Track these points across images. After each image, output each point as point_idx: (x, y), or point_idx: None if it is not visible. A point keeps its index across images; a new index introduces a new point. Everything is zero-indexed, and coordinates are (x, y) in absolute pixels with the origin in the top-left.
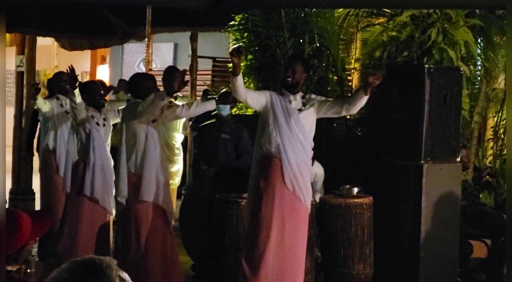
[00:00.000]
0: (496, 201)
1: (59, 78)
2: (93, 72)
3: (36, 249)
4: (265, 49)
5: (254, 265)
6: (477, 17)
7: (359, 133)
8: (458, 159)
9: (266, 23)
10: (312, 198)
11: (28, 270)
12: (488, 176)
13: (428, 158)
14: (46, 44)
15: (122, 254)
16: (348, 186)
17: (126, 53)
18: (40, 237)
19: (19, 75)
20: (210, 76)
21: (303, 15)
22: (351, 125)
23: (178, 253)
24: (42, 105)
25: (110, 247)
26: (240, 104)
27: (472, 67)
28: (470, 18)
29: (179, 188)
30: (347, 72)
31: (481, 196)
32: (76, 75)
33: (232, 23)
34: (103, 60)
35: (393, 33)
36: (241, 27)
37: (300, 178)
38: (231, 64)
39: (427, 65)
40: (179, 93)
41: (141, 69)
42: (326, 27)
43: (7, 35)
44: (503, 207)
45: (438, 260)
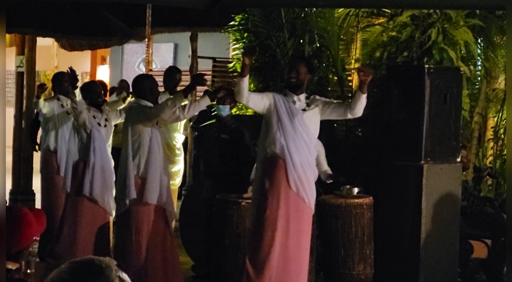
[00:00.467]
0: (497, 201)
1: (59, 79)
2: (93, 72)
3: (36, 250)
4: (265, 50)
5: (258, 266)
6: (477, 17)
7: (359, 134)
8: (458, 159)
9: (266, 23)
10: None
11: (28, 271)
12: (488, 176)
13: (428, 158)
14: (46, 44)
15: (122, 254)
16: (348, 186)
17: (126, 53)
18: (40, 238)
19: (19, 76)
20: (210, 77)
21: (303, 15)
22: (351, 125)
23: (178, 253)
24: (42, 106)
25: (110, 247)
26: (240, 104)
27: (472, 67)
28: (470, 18)
29: (179, 188)
30: (347, 73)
31: (481, 194)
32: (76, 75)
33: (232, 23)
34: (103, 60)
35: (393, 33)
36: (241, 28)
37: (305, 179)
38: (240, 65)
39: (427, 66)
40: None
41: (141, 70)
42: (326, 28)
43: (7, 36)
44: (503, 207)
45: (438, 260)
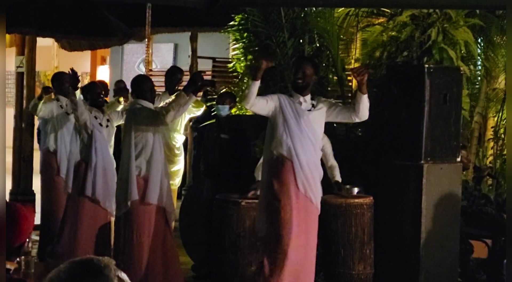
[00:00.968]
0: (497, 201)
1: (59, 79)
2: (93, 73)
3: (36, 250)
4: (265, 49)
5: (277, 267)
6: (477, 17)
7: (359, 134)
8: (458, 159)
9: (266, 23)
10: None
11: (28, 271)
12: (488, 176)
13: (428, 158)
14: (46, 45)
15: (122, 255)
16: (348, 186)
17: (126, 53)
18: (40, 238)
19: (19, 76)
20: (210, 77)
21: (302, 15)
22: (351, 125)
23: (178, 253)
24: (38, 110)
25: (110, 248)
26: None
27: (472, 67)
28: (470, 18)
29: (179, 188)
30: (347, 73)
31: (482, 194)
32: (77, 76)
33: (231, 23)
34: (103, 60)
35: (393, 33)
36: (240, 27)
37: (311, 179)
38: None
39: (427, 65)
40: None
41: (141, 70)
42: (326, 27)
43: (7, 36)
44: (503, 207)
45: (438, 260)
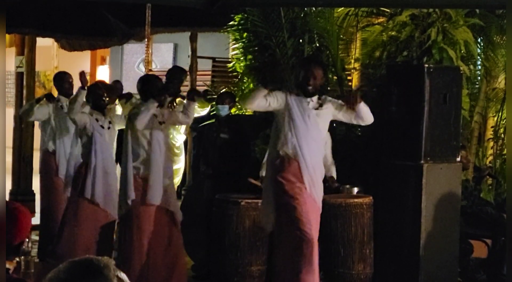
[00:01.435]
0: (496, 201)
1: (61, 79)
2: (93, 72)
3: (36, 250)
4: (264, 49)
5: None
6: (477, 16)
7: (359, 133)
8: (458, 159)
9: (266, 23)
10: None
11: (27, 271)
12: (488, 176)
13: (428, 158)
14: (46, 45)
15: (124, 254)
16: (348, 186)
17: (125, 53)
18: (39, 238)
19: (19, 76)
20: (210, 77)
21: (302, 15)
22: (350, 125)
23: (184, 257)
24: (31, 115)
25: (112, 248)
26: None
27: (472, 66)
28: (470, 18)
29: (179, 188)
30: (346, 72)
31: (481, 194)
32: (85, 77)
33: (231, 23)
34: (103, 61)
35: (392, 32)
36: (240, 27)
37: (315, 179)
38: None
39: (427, 65)
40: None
41: (141, 70)
42: (325, 27)
43: (7, 36)
44: (503, 206)
45: (438, 260)
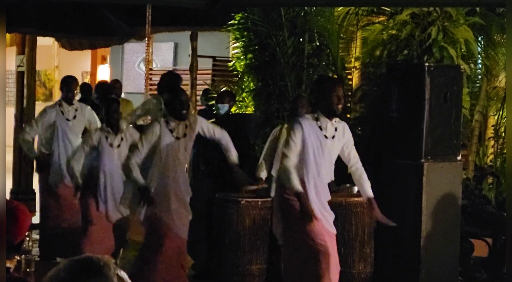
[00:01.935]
0: (497, 200)
1: (68, 84)
2: (93, 72)
3: (37, 249)
4: (264, 48)
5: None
6: (477, 15)
7: (359, 132)
8: (459, 158)
9: (266, 22)
10: None
11: (28, 269)
12: (490, 175)
13: (429, 157)
14: (46, 44)
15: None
16: (348, 185)
17: (126, 53)
18: (43, 237)
19: (20, 75)
20: (210, 76)
21: (302, 14)
22: (351, 124)
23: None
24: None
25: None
26: (240, 103)
27: (472, 65)
28: (470, 16)
29: None
30: (347, 71)
31: (482, 193)
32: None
33: (232, 22)
34: (104, 60)
35: (393, 31)
36: (240, 26)
37: (325, 206)
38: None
39: (427, 64)
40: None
41: (141, 69)
42: (326, 26)
43: (8, 35)
44: (504, 205)
45: (439, 259)
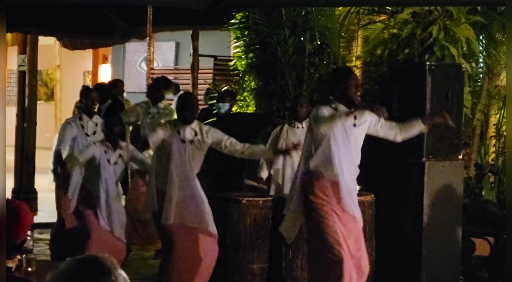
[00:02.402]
0: (499, 199)
1: (85, 96)
2: (95, 71)
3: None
4: (265, 47)
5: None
6: (478, 14)
7: None
8: (460, 156)
9: (267, 21)
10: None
11: (29, 269)
12: (490, 173)
13: (430, 156)
14: (48, 43)
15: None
16: None
17: (127, 52)
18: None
19: (21, 75)
20: (212, 75)
21: (303, 13)
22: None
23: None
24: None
25: None
26: (241, 102)
27: (473, 64)
28: (471, 15)
29: None
30: None
31: (483, 193)
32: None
33: (232, 21)
34: (105, 59)
35: (394, 30)
36: (241, 26)
37: (354, 196)
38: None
39: (428, 63)
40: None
41: (142, 68)
42: (327, 25)
43: (9, 35)
44: (505, 204)
45: (440, 258)
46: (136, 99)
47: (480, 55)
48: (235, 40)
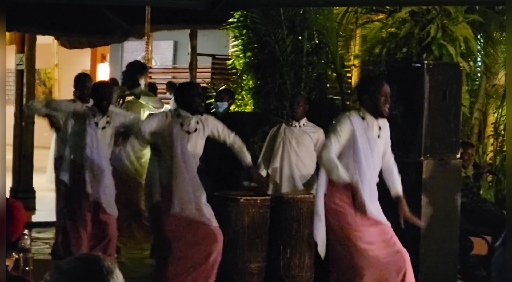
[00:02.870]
0: (497, 198)
1: (80, 82)
2: (93, 70)
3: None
4: (263, 46)
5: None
6: (476, 13)
7: None
8: (458, 155)
9: (265, 20)
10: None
11: (26, 268)
12: (488, 173)
13: (428, 154)
14: (46, 42)
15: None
16: None
17: (126, 51)
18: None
19: (19, 74)
20: (210, 74)
21: (301, 12)
22: None
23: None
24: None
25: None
26: (239, 101)
27: (471, 63)
28: (469, 14)
29: None
30: (346, 69)
31: (481, 192)
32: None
33: (231, 20)
34: (103, 58)
35: (392, 29)
36: (240, 25)
37: (375, 202)
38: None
39: (426, 61)
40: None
41: None
42: (325, 24)
43: (7, 34)
44: (503, 203)
45: (438, 257)
46: None
47: (478, 54)
48: (233, 39)
